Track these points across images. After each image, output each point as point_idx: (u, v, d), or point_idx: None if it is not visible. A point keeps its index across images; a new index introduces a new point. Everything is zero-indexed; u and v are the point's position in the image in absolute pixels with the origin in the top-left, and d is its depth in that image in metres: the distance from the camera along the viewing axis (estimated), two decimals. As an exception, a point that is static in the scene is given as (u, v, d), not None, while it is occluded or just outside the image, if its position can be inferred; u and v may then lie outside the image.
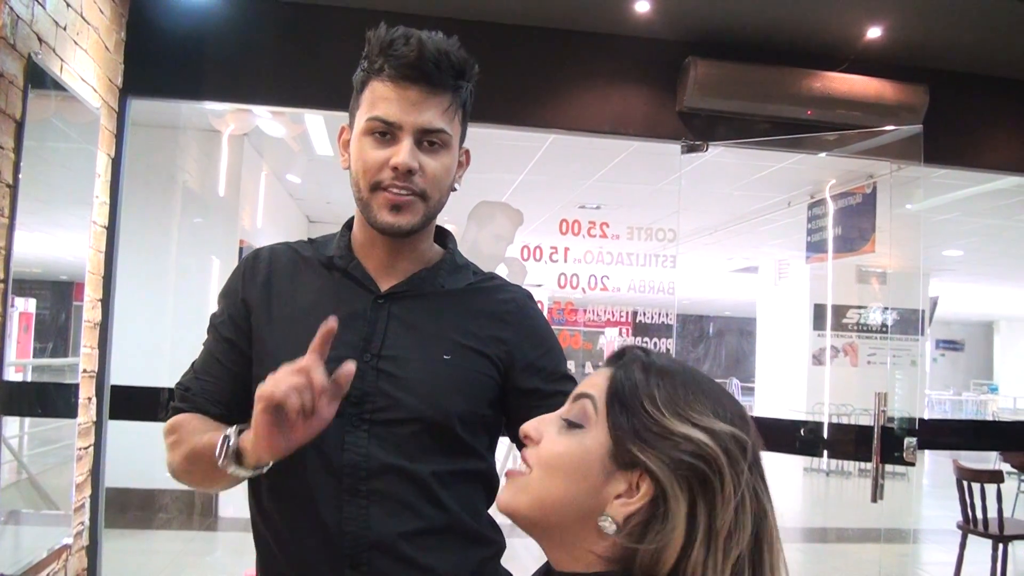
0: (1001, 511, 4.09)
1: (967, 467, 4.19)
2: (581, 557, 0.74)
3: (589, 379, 0.80)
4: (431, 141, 1.06)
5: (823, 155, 4.20)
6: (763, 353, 10.84)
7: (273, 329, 1.11)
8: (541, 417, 0.80)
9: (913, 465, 3.33)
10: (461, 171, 1.16)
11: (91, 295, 2.93)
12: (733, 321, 19.70)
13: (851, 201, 5.82)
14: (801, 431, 3.54)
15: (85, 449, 2.92)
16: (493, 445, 1.17)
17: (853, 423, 5.77)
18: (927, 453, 8.57)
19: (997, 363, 18.05)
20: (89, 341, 2.94)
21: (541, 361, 1.15)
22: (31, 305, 2.97)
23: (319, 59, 3.20)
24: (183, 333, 4.31)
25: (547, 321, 1.24)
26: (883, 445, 3.13)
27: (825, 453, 4.09)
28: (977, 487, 4.11)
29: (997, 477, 4.15)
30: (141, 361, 3.61)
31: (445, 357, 1.09)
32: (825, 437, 3.58)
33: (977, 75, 3.57)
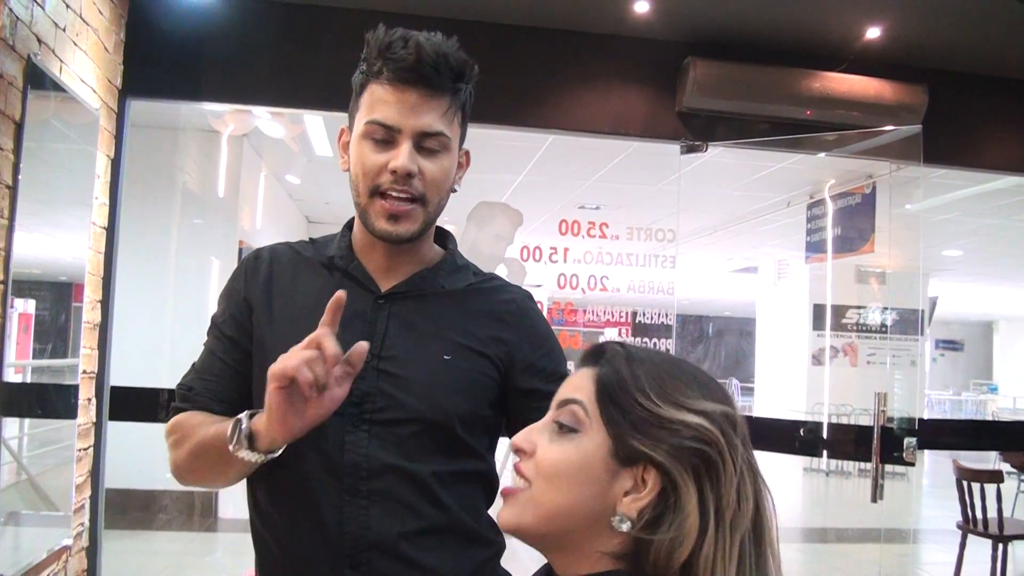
0: (1001, 511, 4.09)
1: (967, 467, 4.19)
2: (590, 559, 0.74)
3: (570, 383, 0.79)
4: (430, 144, 1.06)
5: (822, 155, 4.21)
6: (763, 353, 10.84)
7: (274, 329, 1.11)
8: (529, 428, 0.79)
9: (913, 465, 3.33)
10: (461, 172, 1.16)
11: (91, 296, 2.93)
12: (733, 321, 19.70)
13: (850, 201, 5.82)
14: (801, 431, 3.54)
15: (85, 450, 2.92)
16: (493, 446, 1.17)
17: (853, 423, 5.78)
18: (927, 453, 8.57)
19: (997, 363, 18.06)
20: (89, 342, 2.94)
21: (541, 362, 1.15)
22: (31, 306, 2.97)
23: (318, 60, 3.20)
24: (183, 334, 4.32)
25: (547, 322, 1.24)
26: (883, 445, 3.13)
27: (825, 453, 4.10)
28: (977, 487, 4.11)
29: (997, 477, 4.15)
30: (141, 362, 3.61)
31: (445, 357, 1.09)
32: (825, 437, 3.58)
33: (976, 75, 3.58)
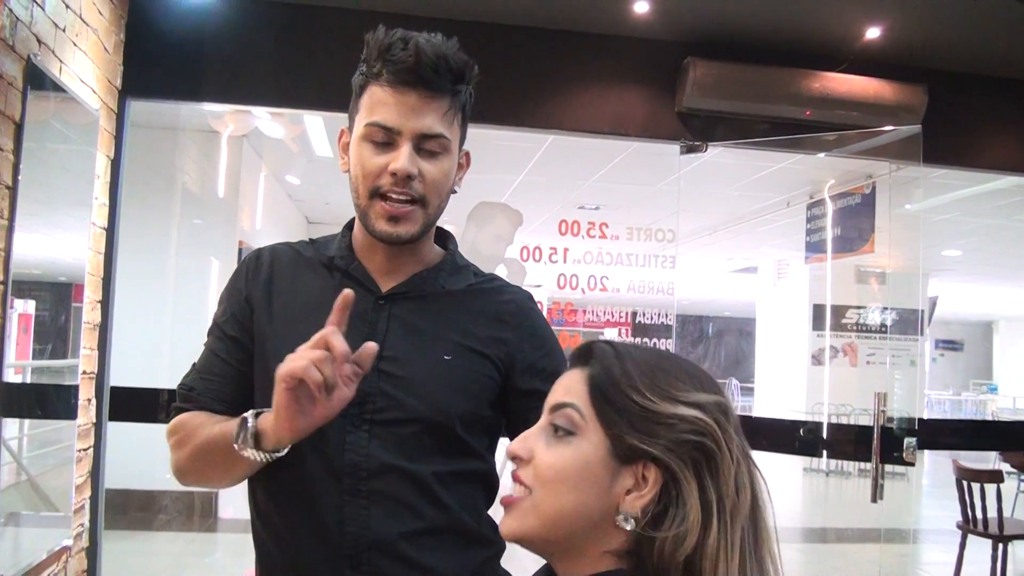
0: (1001, 511, 4.10)
1: (967, 467, 4.19)
2: (593, 559, 0.74)
3: (561, 386, 0.79)
4: (430, 146, 1.06)
5: (822, 155, 4.21)
6: (762, 353, 10.85)
7: (275, 329, 1.11)
8: (524, 435, 0.79)
9: (913, 465, 3.33)
10: (461, 173, 1.16)
11: (90, 296, 2.93)
12: (732, 321, 19.70)
13: (850, 201, 5.83)
14: (800, 431, 3.54)
15: (85, 450, 2.92)
16: (493, 446, 1.17)
17: (852, 423, 5.78)
18: (927, 453, 8.56)
19: (996, 363, 18.06)
20: (88, 342, 2.94)
21: (541, 362, 1.15)
22: (30, 307, 2.97)
23: (318, 60, 3.20)
24: (182, 334, 4.32)
25: (547, 322, 1.24)
26: (883, 445, 3.13)
27: (825, 453, 4.10)
28: (977, 487, 4.11)
29: (997, 477, 4.15)
30: (141, 362, 3.61)
31: (446, 358, 1.09)
32: (825, 437, 3.58)
33: (976, 75, 3.58)
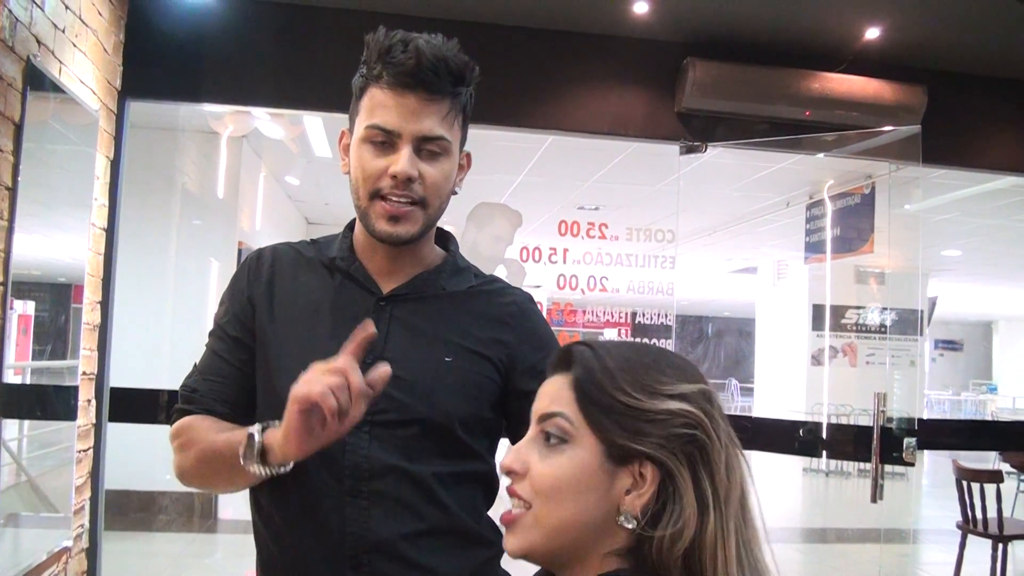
0: (1001, 511, 4.10)
1: (967, 467, 4.19)
2: (597, 561, 0.74)
3: (546, 395, 0.79)
4: (430, 148, 1.06)
5: (821, 156, 4.22)
6: (762, 354, 10.85)
7: (276, 329, 1.11)
8: (515, 447, 0.79)
9: (912, 465, 3.33)
10: (462, 175, 1.16)
11: (90, 297, 2.92)
12: (732, 322, 19.71)
13: (850, 201, 5.83)
14: (800, 431, 3.53)
15: (85, 451, 2.91)
16: (494, 447, 1.17)
17: (852, 423, 5.78)
18: (926, 453, 8.57)
19: (996, 363, 18.08)
20: (88, 343, 2.94)
21: (542, 364, 1.13)
22: (30, 307, 2.97)
23: (318, 61, 3.20)
24: (182, 335, 4.32)
25: (548, 324, 1.24)
26: (882, 445, 3.12)
27: (824, 453, 4.10)
28: (977, 487, 4.11)
29: (996, 477, 4.15)
30: (140, 363, 3.61)
31: (446, 359, 1.09)
32: (824, 437, 3.58)
33: (975, 75, 3.58)
